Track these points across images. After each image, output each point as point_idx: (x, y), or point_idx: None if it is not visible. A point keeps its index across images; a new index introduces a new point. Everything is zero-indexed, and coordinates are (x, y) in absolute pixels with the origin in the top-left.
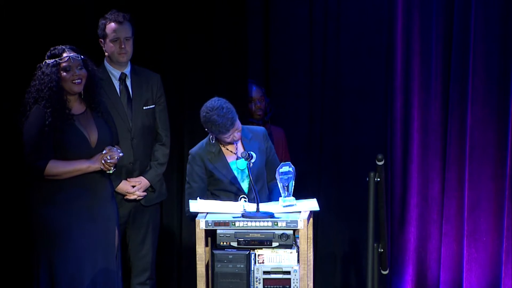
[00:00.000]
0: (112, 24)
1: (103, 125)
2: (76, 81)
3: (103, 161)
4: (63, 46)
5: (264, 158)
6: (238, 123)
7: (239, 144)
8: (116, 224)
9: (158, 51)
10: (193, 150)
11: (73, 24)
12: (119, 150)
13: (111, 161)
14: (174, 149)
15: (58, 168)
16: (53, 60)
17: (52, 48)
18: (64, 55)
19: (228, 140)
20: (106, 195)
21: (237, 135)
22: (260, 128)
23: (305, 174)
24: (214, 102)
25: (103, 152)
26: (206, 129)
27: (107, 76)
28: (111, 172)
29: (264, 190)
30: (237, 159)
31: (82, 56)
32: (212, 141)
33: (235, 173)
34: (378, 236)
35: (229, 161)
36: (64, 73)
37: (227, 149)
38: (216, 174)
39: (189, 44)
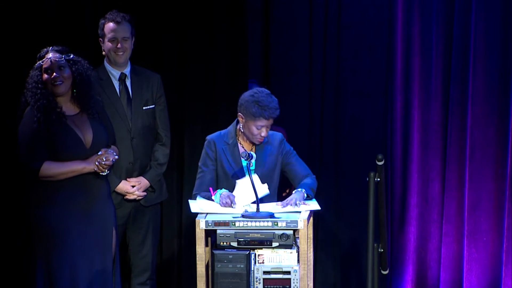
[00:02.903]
0: (110, 24)
1: (98, 126)
2: (57, 82)
3: (97, 163)
4: (48, 48)
5: (275, 163)
6: (271, 123)
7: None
8: (114, 224)
9: (158, 51)
10: (210, 136)
11: (73, 24)
12: (115, 153)
13: (106, 162)
14: (174, 149)
15: (52, 169)
16: (38, 62)
17: (41, 50)
18: (46, 56)
19: (255, 133)
20: (103, 195)
21: (264, 133)
22: (278, 133)
23: None
24: (264, 90)
25: (99, 153)
26: (240, 113)
27: (107, 76)
28: (105, 174)
29: (273, 194)
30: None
31: (71, 56)
32: (240, 127)
33: (244, 170)
34: (378, 236)
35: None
36: (45, 75)
37: (243, 147)
38: (225, 164)
39: (189, 44)
